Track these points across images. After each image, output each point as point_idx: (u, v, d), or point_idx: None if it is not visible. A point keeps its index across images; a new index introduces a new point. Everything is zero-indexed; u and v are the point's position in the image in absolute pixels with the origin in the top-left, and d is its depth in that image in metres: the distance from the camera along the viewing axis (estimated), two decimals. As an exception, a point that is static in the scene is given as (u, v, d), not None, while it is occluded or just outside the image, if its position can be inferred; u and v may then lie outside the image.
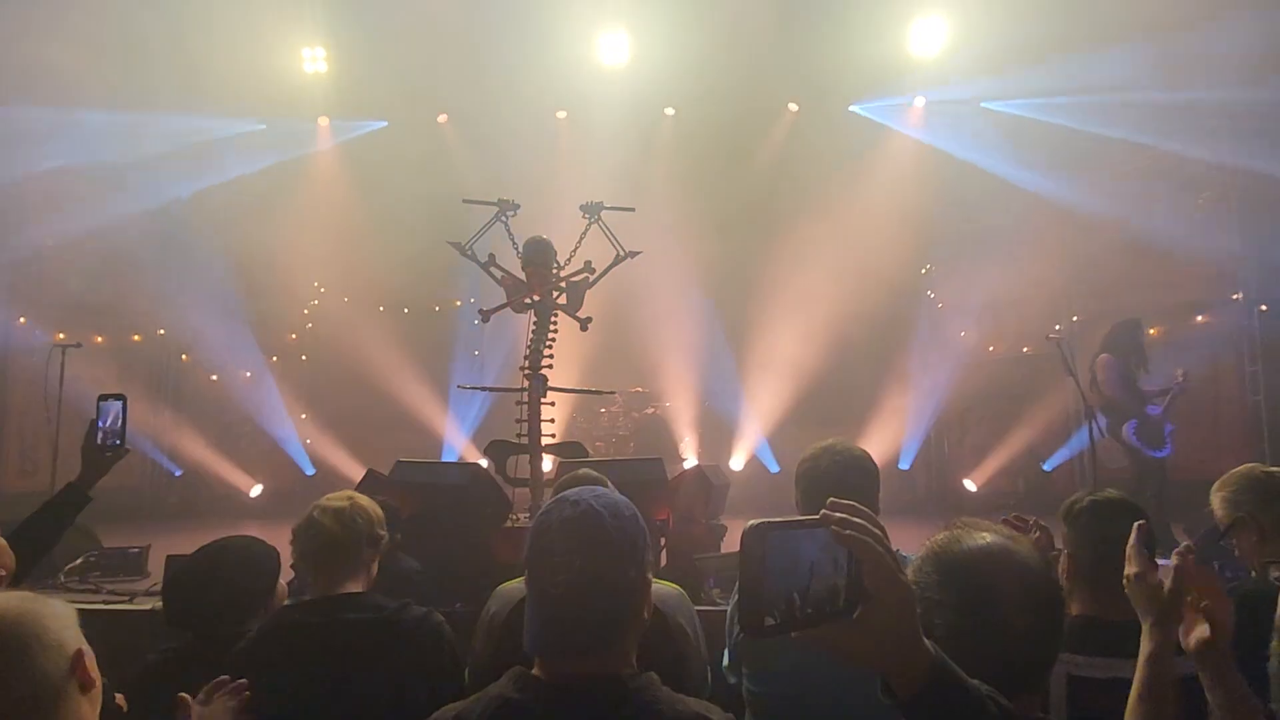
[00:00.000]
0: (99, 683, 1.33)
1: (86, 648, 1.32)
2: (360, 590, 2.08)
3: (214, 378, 9.89)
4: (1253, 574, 2.30)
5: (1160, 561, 1.84)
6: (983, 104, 9.00)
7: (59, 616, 1.30)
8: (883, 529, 0.86)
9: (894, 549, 0.89)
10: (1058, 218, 8.40)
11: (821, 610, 0.83)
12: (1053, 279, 8.69)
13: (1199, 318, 8.22)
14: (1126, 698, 1.48)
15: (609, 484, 2.21)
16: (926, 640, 0.88)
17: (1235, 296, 7.97)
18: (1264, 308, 7.76)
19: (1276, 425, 7.54)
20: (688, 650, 2.05)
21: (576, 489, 1.35)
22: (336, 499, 2.17)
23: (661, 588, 2.16)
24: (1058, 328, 7.78)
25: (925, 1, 8.37)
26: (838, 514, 0.85)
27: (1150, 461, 6.06)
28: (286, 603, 2.18)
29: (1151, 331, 8.55)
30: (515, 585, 2.33)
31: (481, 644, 2.15)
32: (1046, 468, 8.65)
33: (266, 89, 9.09)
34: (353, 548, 2.10)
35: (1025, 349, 9.11)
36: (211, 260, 9.20)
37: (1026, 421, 8.65)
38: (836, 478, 2.11)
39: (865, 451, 2.21)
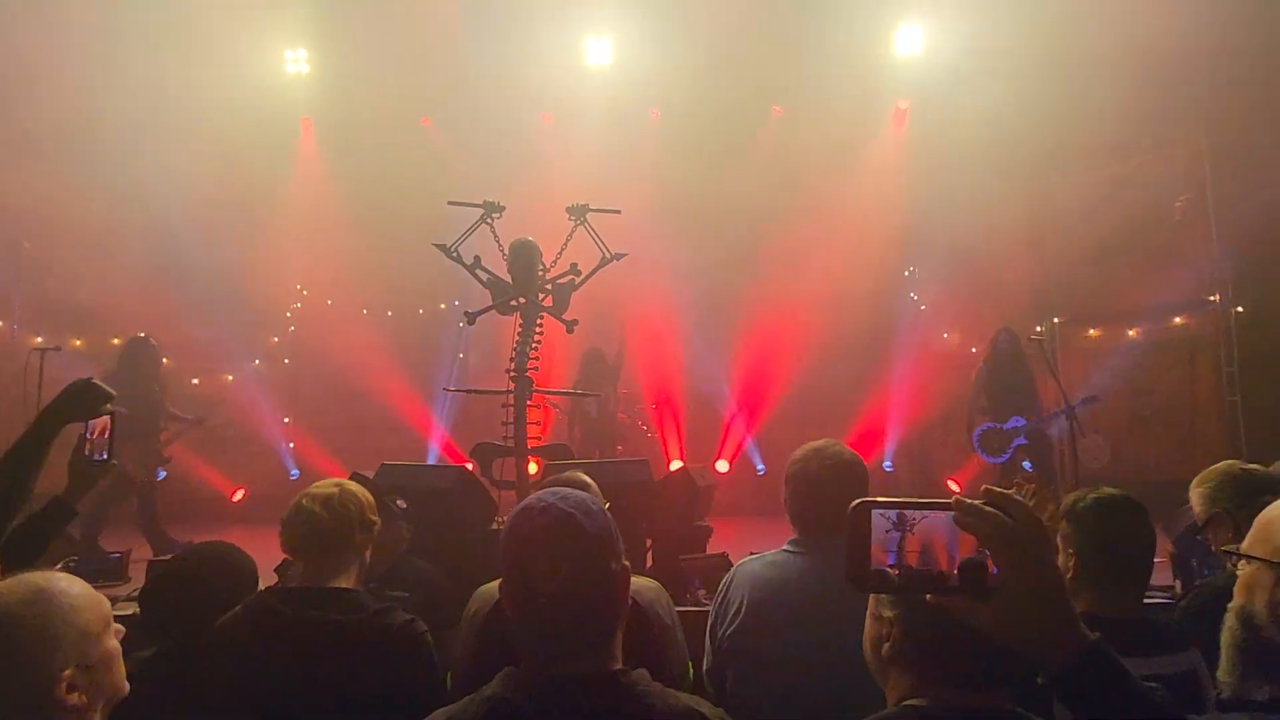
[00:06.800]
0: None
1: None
2: (349, 586, 2.05)
3: (195, 381, 9.79)
4: (1228, 567, 2.34)
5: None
6: (964, 108, 9.08)
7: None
8: (1033, 520, 0.93)
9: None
10: (1038, 220, 8.49)
11: (933, 582, 0.93)
12: (1034, 281, 8.78)
13: (1177, 319, 8.34)
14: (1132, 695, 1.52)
15: (595, 486, 2.22)
16: (1085, 629, 0.94)
17: (1212, 299, 8.08)
18: (1240, 309, 7.88)
19: (1253, 425, 7.65)
20: (666, 639, 2.06)
21: (536, 494, 1.35)
22: (325, 486, 2.15)
23: (639, 581, 2.16)
24: (1039, 329, 7.86)
25: (906, 7, 8.45)
26: (967, 502, 0.93)
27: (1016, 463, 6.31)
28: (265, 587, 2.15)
29: (1131, 333, 8.69)
30: (494, 586, 2.31)
31: (462, 645, 2.14)
32: (1028, 467, 8.72)
33: (248, 90, 9.03)
34: (344, 535, 2.06)
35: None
36: (192, 262, 9.11)
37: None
38: (825, 479, 2.13)
39: (854, 454, 2.23)
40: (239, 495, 9.43)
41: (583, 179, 7.92)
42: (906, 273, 9.88)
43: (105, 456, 2.37)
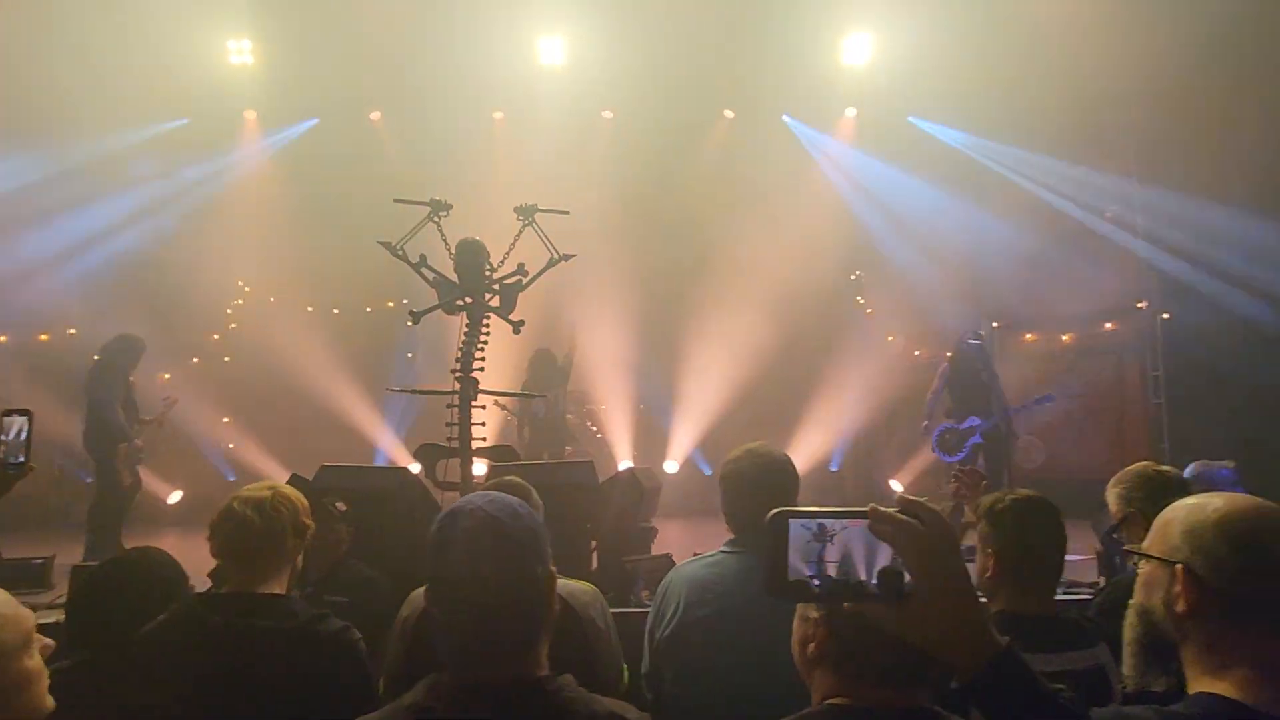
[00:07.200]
0: None
1: None
2: (279, 592, 2.02)
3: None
4: (1130, 565, 2.45)
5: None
6: (909, 118, 9.33)
7: None
8: (944, 527, 0.94)
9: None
10: (977, 227, 8.74)
11: (851, 590, 0.95)
12: (974, 286, 9.03)
13: (1107, 325, 8.68)
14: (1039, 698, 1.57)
15: (533, 491, 2.21)
16: (996, 634, 0.96)
17: (1140, 305, 8.43)
18: (1166, 315, 8.23)
19: (1177, 426, 7.99)
20: (600, 647, 2.07)
21: (465, 497, 1.34)
22: (257, 489, 2.10)
23: (574, 585, 2.16)
24: (980, 333, 8.09)
25: (854, 17, 8.62)
26: (881, 510, 0.94)
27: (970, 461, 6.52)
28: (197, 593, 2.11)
29: (1065, 338, 9.01)
30: None
31: (394, 649, 2.12)
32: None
33: (189, 81, 8.77)
34: (276, 539, 2.01)
35: (949, 354, 9.43)
36: (128, 255, 8.81)
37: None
38: (756, 479, 2.16)
39: (785, 454, 2.26)
40: (174, 498, 9.14)
41: (533, 178, 7.90)
42: (853, 277, 10.08)
43: (23, 459, 2.28)
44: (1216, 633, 1.19)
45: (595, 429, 9.16)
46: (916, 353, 9.76)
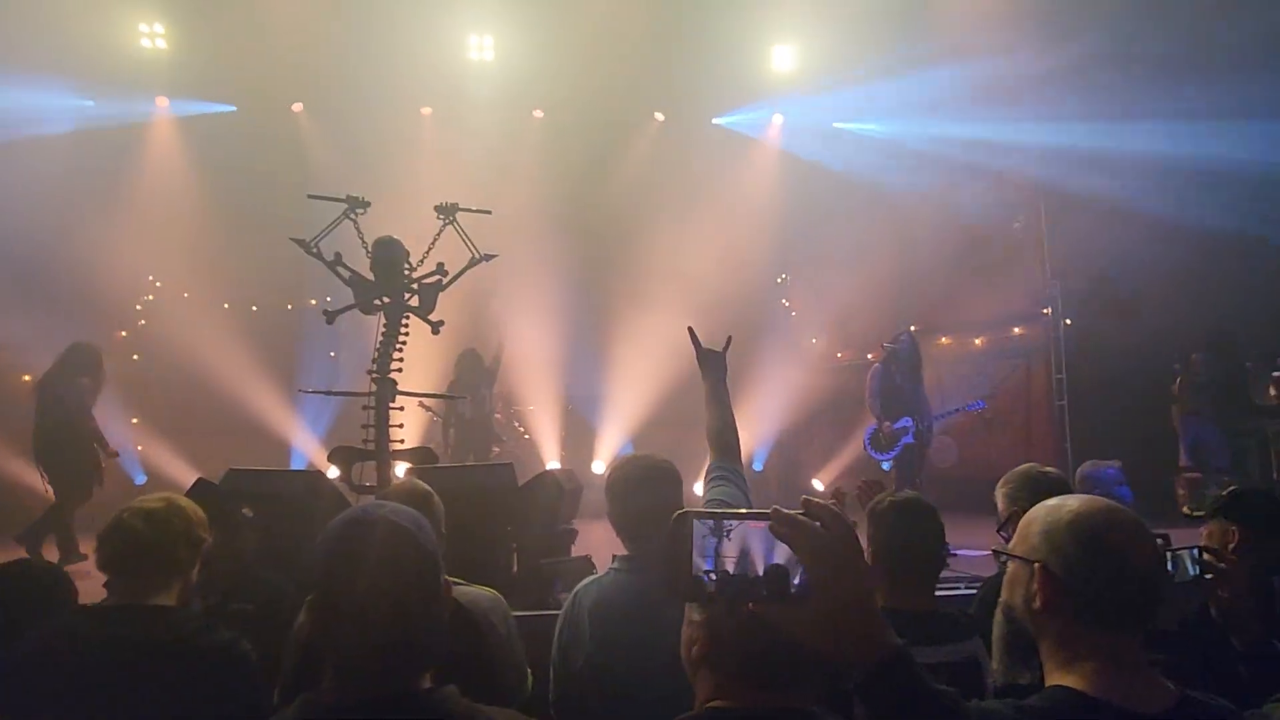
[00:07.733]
0: None
1: None
2: (170, 604, 1.95)
3: (26, 378, 8.93)
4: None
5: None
6: (834, 124, 9.58)
7: None
8: (844, 529, 0.95)
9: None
10: (897, 235, 9.03)
11: (750, 591, 0.94)
12: (894, 291, 9.32)
13: (1016, 330, 9.10)
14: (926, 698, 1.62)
15: (433, 495, 2.19)
16: (892, 635, 0.97)
17: (1045, 311, 8.85)
18: (1068, 322, 8.66)
19: (1079, 427, 8.40)
20: (500, 654, 2.06)
21: (359, 506, 1.31)
22: (150, 500, 2.05)
23: (474, 591, 2.15)
24: (901, 336, 8.35)
25: (782, 26, 8.81)
26: (784, 512, 0.95)
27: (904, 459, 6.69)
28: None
29: (977, 341, 9.39)
30: None
31: (290, 659, 2.08)
32: (885, 467, 9.24)
33: (96, 64, 8.34)
34: (166, 551, 1.96)
35: (870, 355, 9.71)
36: (24, 248, 8.30)
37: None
38: (641, 483, 2.20)
39: (668, 460, 2.32)
40: (77, 502, 8.66)
41: (461, 176, 7.80)
42: (779, 280, 10.28)
43: None
44: (1068, 628, 1.25)
45: (523, 430, 9.11)
46: (839, 354, 10.02)
